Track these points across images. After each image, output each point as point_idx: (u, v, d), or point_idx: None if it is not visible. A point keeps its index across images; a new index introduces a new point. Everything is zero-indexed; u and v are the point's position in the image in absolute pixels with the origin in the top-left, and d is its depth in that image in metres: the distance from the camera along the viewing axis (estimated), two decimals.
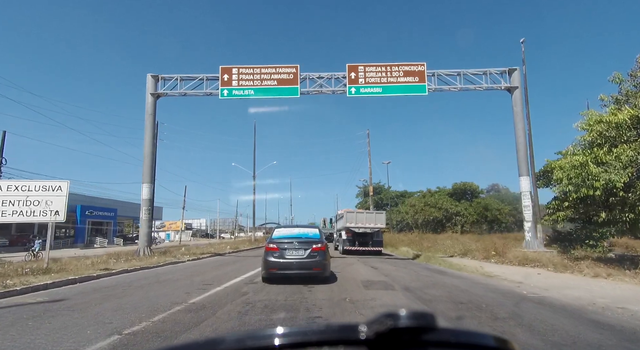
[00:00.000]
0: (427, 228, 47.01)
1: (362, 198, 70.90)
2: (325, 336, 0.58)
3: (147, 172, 17.30)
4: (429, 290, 7.89)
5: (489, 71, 17.26)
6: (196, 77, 17.95)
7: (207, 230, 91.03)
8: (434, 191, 52.30)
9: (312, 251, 8.27)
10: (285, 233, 9.16)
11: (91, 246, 36.34)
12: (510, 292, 7.84)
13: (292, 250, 8.30)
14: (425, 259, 16.50)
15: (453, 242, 22.71)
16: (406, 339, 0.56)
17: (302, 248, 8.33)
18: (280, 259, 8.21)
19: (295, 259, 8.19)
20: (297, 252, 8.29)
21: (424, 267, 13.55)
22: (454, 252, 18.05)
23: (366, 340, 0.56)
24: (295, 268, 8.11)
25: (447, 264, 13.94)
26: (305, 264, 8.15)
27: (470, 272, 11.54)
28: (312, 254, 8.24)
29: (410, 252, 21.23)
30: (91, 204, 40.47)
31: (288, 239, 8.61)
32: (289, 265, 8.13)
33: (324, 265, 8.31)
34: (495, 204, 45.41)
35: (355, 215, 20.00)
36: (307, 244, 8.37)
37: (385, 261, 16.03)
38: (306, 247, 8.32)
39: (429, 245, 22.84)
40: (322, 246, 8.44)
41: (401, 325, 0.56)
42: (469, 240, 23.19)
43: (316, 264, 8.19)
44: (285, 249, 8.29)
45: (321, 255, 8.32)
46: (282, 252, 8.26)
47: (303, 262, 8.16)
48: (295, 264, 8.13)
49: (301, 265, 8.12)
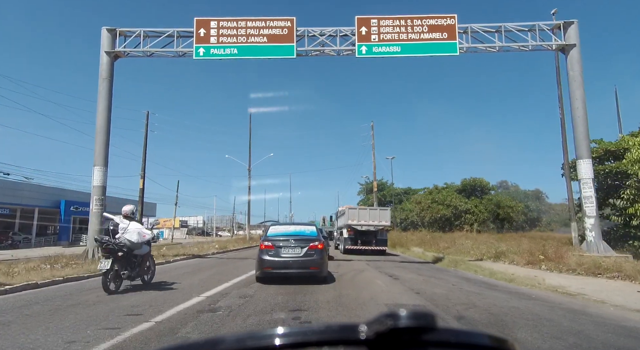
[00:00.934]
0: (434, 226, 43.33)
1: (364, 195, 67.28)
2: (326, 336, 0.57)
3: (100, 152, 13.51)
4: (512, 329, 4.63)
5: (537, 26, 13.40)
6: (165, 31, 14.15)
7: (205, 228, 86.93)
8: (440, 187, 48.51)
9: (309, 249, 7.96)
10: (281, 230, 8.79)
11: (76, 244, 33.85)
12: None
13: (288, 249, 7.97)
14: (451, 264, 12.96)
15: (473, 243, 19.50)
16: (406, 339, 0.55)
17: (298, 246, 8.00)
18: (275, 257, 7.85)
19: (292, 257, 7.87)
20: (294, 250, 7.97)
21: (459, 277, 10.35)
22: (482, 255, 14.23)
23: (366, 340, 0.55)
24: (292, 267, 7.79)
25: (487, 272, 10.78)
26: (302, 262, 7.83)
27: (529, 285, 8.49)
28: (309, 253, 7.93)
29: (428, 255, 17.46)
30: (78, 199, 36.81)
31: (284, 236, 8.28)
32: (285, 264, 7.80)
33: (321, 264, 8.01)
34: (507, 201, 41.65)
35: (357, 212, 18.67)
36: (304, 242, 8.06)
37: (402, 266, 12.57)
38: (303, 245, 8.00)
39: (446, 246, 19.14)
40: (319, 244, 8.11)
41: (401, 325, 0.54)
42: (490, 240, 20.34)
43: (313, 262, 7.87)
44: (281, 247, 7.94)
45: (319, 253, 8.00)
46: (278, 250, 7.91)
47: (299, 260, 7.84)
48: (292, 262, 7.80)
49: (298, 264, 7.80)
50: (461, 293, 7.29)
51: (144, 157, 29.30)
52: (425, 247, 21.66)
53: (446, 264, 13.43)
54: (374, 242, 18.07)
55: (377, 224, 18.10)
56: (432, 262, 14.57)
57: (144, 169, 29.14)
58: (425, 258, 16.52)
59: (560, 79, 14.64)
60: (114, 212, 14.25)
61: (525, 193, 51.12)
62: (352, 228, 18.08)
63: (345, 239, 18.39)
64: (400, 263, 14.18)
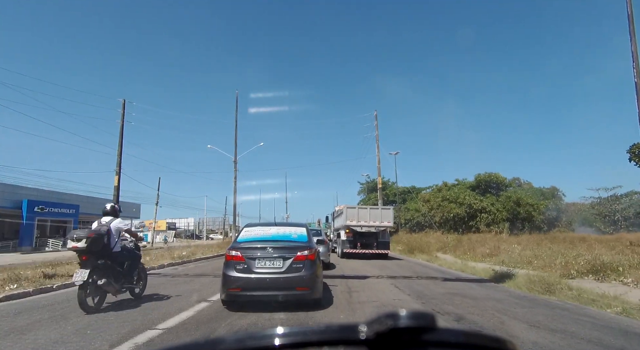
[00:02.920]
0: (446, 227, 38.85)
1: (365, 195, 63.06)
2: (325, 336, 0.56)
3: None
4: None
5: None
6: None
7: (195, 231, 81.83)
8: (451, 184, 43.99)
9: (294, 261, 5.79)
10: (257, 234, 6.50)
11: (41, 250, 30.87)
12: None
13: (264, 260, 5.78)
14: (538, 287, 7.91)
15: (521, 248, 15.74)
16: (406, 339, 0.55)
17: (280, 257, 5.82)
18: (246, 273, 5.70)
19: (270, 273, 5.73)
20: (273, 262, 5.79)
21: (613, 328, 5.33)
22: (568, 270, 9.50)
23: (366, 340, 0.54)
24: (269, 287, 5.65)
25: (623, 308, 6.02)
26: (285, 281, 5.67)
27: None
28: (294, 266, 5.77)
29: (468, 265, 12.82)
30: (44, 199, 34.13)
31: (260, 242, 6.10)
32: (260, 284, 5.67)
33: (312, 282, 5.79)
34: (528, 199, 37.17)
35: (357, 212, 17.13)
36: (288, 251, 5.88)
37: (455, 289, 8.76)
38: (286, 255, 5.83)
39: (487, 252, 14.61)
40: (309, 254, 5.93)
41: (401, 325, 0.54)
42: (531, 244, 16.58)
43: (300, 280, 5.70)
44: (255, 259, 5.79)
45: (308, 267, 5.81)
46: (250, 262, 5.77)
47: (281, 278, 5.68)
48: (269, 281, 5.67)
49: (278, 284, 5.66)
50: None
51: (120, 151, 25.27)
52: (455, 254, 17.10)
53: (524, 284, 8.58)
54: (376, 245, 16.60)
55: (379, 224, 16.67)
56: (492, 281, 9.86)
57: (119, 164, 25.50)
58: (473, 272, 11.79)
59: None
60: (97, 215, 9.18)
61: (541, 191, 46.73)
62: (351, 229, 16.70)
63: (343, 242, 16.83)
64: (445, 283, 9.46)
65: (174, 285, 8.76)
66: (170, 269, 12.84)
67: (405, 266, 13.39)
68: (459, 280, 10.18)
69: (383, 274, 10.79)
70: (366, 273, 11.08)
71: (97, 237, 5.64)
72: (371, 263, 14.53)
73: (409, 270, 12.22)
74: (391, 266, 13.26)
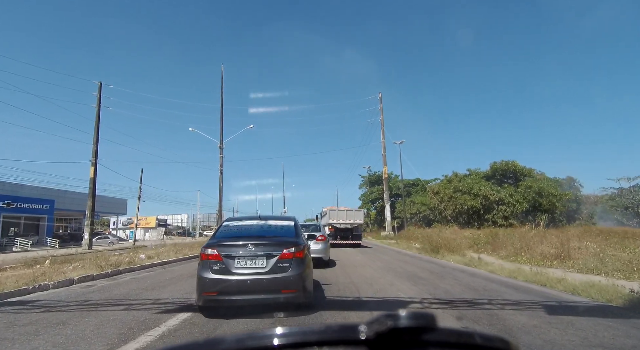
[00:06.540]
0: (458, 221, 34.56)
1: (367, 188, 59.04)
2: (325, 336, 0.56)
3: None
4: None
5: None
6: None
7: (189, 227, 77.48)
8: (462, 175, 39.70)
9: (279, 260, 4.83)
10: (237, 230, 5.68)
11: (8, 250, 27.38)
12: None
13: (245, 259, 4.80)
14: None
15: (596, 246, 11.47)
16: (406, 339, 0.54)
17: (263, 255, 4.85)
18: (223, 274, 4.75)
19: (251, 274, 4.77)
20: (255, 261, 4.81)
21: None
22: None
23: (366, 340, 0.54)
24: (251, 291, 4.72)
25: None
26: (268, 282, 4.72)
27: None
28: (280, 265, 4.81)
29: (544, 273, 8.47)
30: (12, 194, 29.84)
31: (240, 239, 5.10)
32: (240, 286, 4.72)
33: (300, 283, 4.84)
34: (551, 189, 33.00)
35: (337, 213, 21.89)
36: (272, 248, 4.92)
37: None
38: (270, 252, 4.87)
39: (552, 252, 10.78)
40: (297, 251, 4.95)
41: (401, 325, 0.54)
42: (587, 239, 12.62)
43: (287, 282, 4.76)
44: (235, 257, 4.83)
45: (296, 266, 4.85)
46: (229, 262, 4.80)
47: (264, 280, 4.73)
48: (251, 283, 4.72)
49: (261, 286, 4.71)
50: None
51: (96, 138, 21.39)
52: (499, 255, 12.89)
53: None
54: (351, 237, 21.67)
55: (353, 222, 21.71)
56: (623, 308, 5.48)
57: (95, 153, 21.65)
58: (572, 289, 6.94)
59: None
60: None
61: (557, 181, 42.44)
62: (333, 226, 21.31)
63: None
64: (560, 317, 5.00)
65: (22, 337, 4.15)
66: (81, 286, 7.71)
67: (447, 275, 9.13)
68: (575, 310, 5.57)
69: (427, 296, 6.42)
70: (396, 292, 6.69)
71: None
72: (393, 269, 10.31)
73: (458, 284, 7.88)
74: (427, 276, 9.03)
